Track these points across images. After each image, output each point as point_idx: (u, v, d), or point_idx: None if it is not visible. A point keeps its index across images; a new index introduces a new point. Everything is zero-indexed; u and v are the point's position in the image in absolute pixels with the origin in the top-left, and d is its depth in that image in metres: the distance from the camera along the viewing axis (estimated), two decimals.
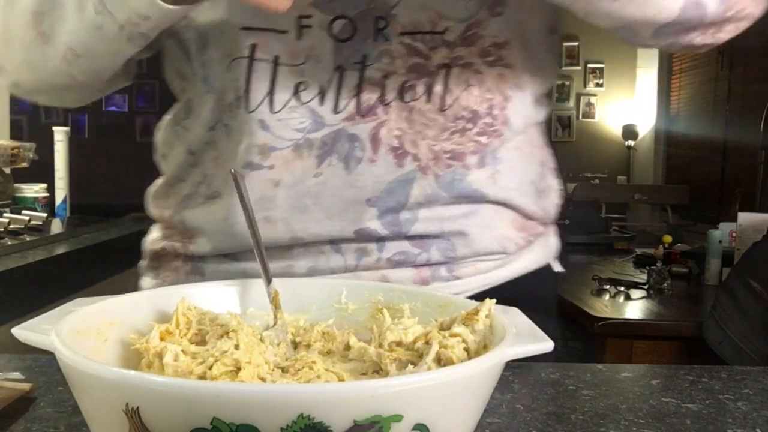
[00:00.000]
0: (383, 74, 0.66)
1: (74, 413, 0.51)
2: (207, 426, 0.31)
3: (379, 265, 0.70)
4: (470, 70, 0.68)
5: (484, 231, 0.72)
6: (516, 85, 0.71)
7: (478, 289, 0.73)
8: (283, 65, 0.66)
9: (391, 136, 0.67)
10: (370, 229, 0.68)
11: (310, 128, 0.67)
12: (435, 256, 0.71)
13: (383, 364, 0.44)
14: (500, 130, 0.71)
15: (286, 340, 0.49)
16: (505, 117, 0.71)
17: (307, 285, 0.56)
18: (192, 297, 0.50)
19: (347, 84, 0.66)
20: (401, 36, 0.66)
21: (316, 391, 0.32)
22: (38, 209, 1.92)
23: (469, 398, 0.37)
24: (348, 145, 0.67)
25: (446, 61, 0.67)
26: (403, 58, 0.66)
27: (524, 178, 0.75)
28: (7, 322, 1.15)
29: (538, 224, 0.78)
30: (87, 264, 1.60)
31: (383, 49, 0.66)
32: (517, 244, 0.75)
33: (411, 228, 0.69)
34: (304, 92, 0.66)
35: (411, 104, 0.67)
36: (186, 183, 0.75)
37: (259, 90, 0.67)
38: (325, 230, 0.68)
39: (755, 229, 2.28)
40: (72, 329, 0.40)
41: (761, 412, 0.54)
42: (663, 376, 0.63)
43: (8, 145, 1.99)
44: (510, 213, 0.74)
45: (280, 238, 0.69)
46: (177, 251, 0.76)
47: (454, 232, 0.71)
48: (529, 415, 0.53)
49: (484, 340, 0.44)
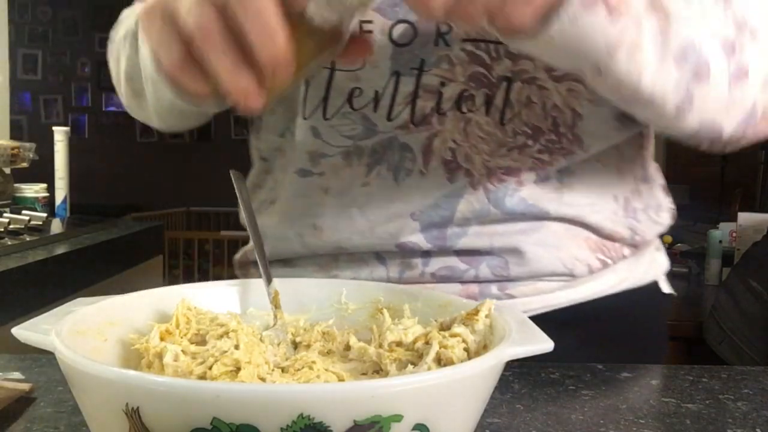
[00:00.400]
0: (441, 81, 0.63)
1: (74, 413, 0.51)
2: (207, 426, 0.31)
3: (422, 279, 0.67)
4: (534, 86, 0.64)
5: (545, 250, 0.67)
6: (590, 101, 0.65)
7: (538, 310, 0.68)
8: (340, 70, 0.65)
9: (445, 148, 0.64)
10: (412, 243, 0.66)
11: (360, 135, 0.65)
12: (484, 272, 0.67)
13: (383, 364, 0.44)
14: (568, 148, 0.66)
15: (286, 340, 0.49)
16: (575, 135, 0.66)
17: (307, 285, 0.56)
18: (192, 297, 0.50)
19: (402, 90, 0.64)
20: (463, 42, 0.63)
21: (316, 391, 0.32)
22: (38, 209, 1.92)
23: (469, 398, 0.37)
24: (398, 155, 0.65)
25: (508, 73, 0.63)
26: (463, 66, 0.63)
27: (604, 195, 0.69)
28: (7, 322, 1.15)
29: (623, 246, 0.71)
30: (87, 264, 1.60)
31: (443, 55, 0.63)
32: (589, 266, 0.69)
33: (458, 242, 0.66)
34: (358, 98, 0.65)
35: (468, 115, 0.64)
36: (263, 189, 0.76)
37: (314, 96, 0.66)
38: (368, 241, 0.67)
39: (755, 229, 2.28)
40: (72, 329, 0.41)
41: (761, 412, 0.54)
42: (663, 376, 0.63)
43: (8, 145, 1.98)
44: (582, 232, 0.68)
45: (325, 246, 0.69)
46: (248, 258, 0.78)
47: (507, 249, 0.66)
48: (529, 415, 0.53)
49: (484, 340, 0.44)
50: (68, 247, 1.56)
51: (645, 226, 0.72)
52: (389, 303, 0.52)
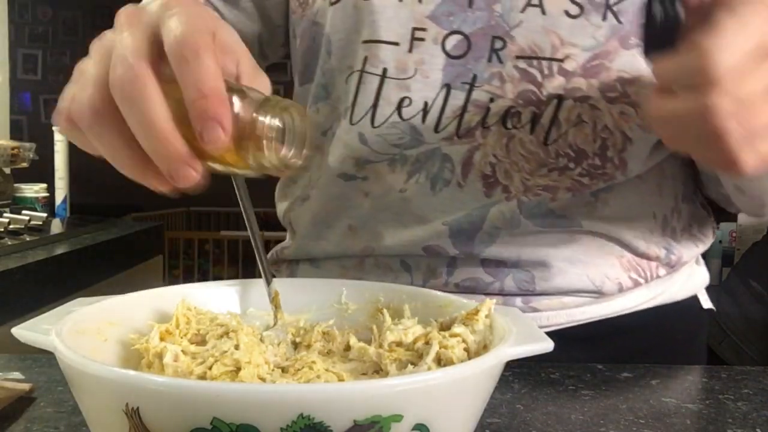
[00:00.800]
0: (490, 97, 0.62)
1: (74, 413, 0.51)
2: (207, 426, 0.31)
3: (446, 289, 0.64)
4: (585, 105, 0.62)
5: (573, 265, 0.66)
6: (641, 126, 0.63)
7: (563, 325, 0.67)
8: (391, 78, 0.64)
9: (485, 162, 0.63)
10: (440, 247, 0.66)
11: (407, 145, 0.65)
12: (509, 285, 0.66)
13: (383, 364, 0.44)
14: (611, 173, 0.64)
15: (286, 340, 0.49)
16: (621, 160, 0.64)
17: (307, 285, 0.56)
18: (192, 297, 0.50)
19: (452, 104, 0.63)
20: (517, 59, 0.62)
21: (316, 391, 0.32)
22: (38, 209, 1.92)
23: (469, 398, 0.37)
24: (438, 165, 0.64)
25: (560, 91, 0.62)
26: (513, 83, 0.62)
27: (641, 212, 0.67)
28: (7, 322, 1.15)
29: (659, 266, 0.69)
30: (87, 264, 1.60)
31: (495, 72, 0.62)
32: (620, 285, 0.67)
33: (485, 251, 0.65)
34: (407, 108, 0.64)
35: (512, 131, 0.63)
36: (297, 185, 0.75)
37: (364, 103, 0.65)
38: (396, 243, 0.67)
39: (755, 229, 2.28)
40: (72, 329, 0.40)
41: (761, 412, 0.54)
42: (663, 376, 0.63)
43: (8, 145, 1.98)
44: (616, 249, 0.67)
45: (354, 246, 0.69)
46: (279, 257, 0.78)
47: (533, 262, 0.65)
48: (529, 415, 0.53)
49: (484, 340, 0.44)
50: (68, 247, 1.56)
51: (683, 246, 0.71)
52: (389, 303, 0.52)
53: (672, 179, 0.70)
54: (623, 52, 0.62)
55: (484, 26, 0.62)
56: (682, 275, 0.73)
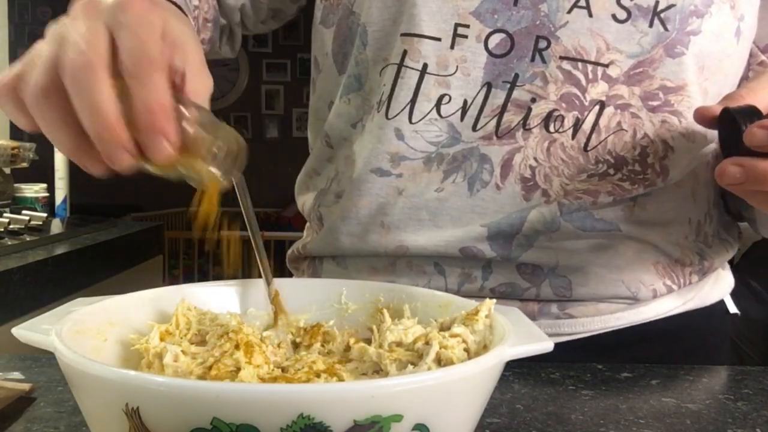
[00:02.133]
0: (532, 97, 0.62)
1: (74, 413, 0.51)
2: (207, 426, 0.31)
3: (481, 294, 0.65)
4: (626, 112, 0.62)
5: (610, 272, 0.65)
6: (684, 136, 0.63)
7: (597, 331, 0.67)
8: (431, 74, 0.63)
9: (525, 165, 0.63)
10: (477, 249, 0.65)
11: (445, 143, 0.64)
12: (546, 292, 0.65)
13: (383, 364, 0.44)
14: (652, 179, 0.64)
15: (286, 340, 0.49)
16: (663, 167, 0.64)
17: (307, 285, 0.56)
18: (192, 297, 0.50)
19: (492, 102, 0.62)
20: (560, 60, 0.61)
21: (316, 391, 0.32)
22: (38, 209, 1.92)
23: (469, 398, 0.37)
24: (477, 165, 0.63)
25: (602, 97, 0.61)
26: (556, 84, 0.61)
27: (677, 216, 0.67)
28: (7, 322, 1.15)
29: (693, 272, 0.69)
30: (87, 264, 1.60)
31: (538, 71, 0.61)
32: (654, 291, 0.67)
33: (522, 254, 0.64)
34: (446, 105, 0.63)
35: (554, 135, 0.62)
36: (321, 177, 0.74)
37: (401, 98, 0.64)
38: (431, 243, 0.65)
39: None
40: (72, 329, 0.41)
41: (761, 412, 0.54)
42: (663, 376, 0.63)
43: (8, 145, 1.98)
44: (653, 255, 0.67)
45: (387, 245, 0.67)
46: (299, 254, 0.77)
47: (571, 268, 0.65)
48: (529, 415, 0.53)
49: (484, 340, 0.44)
50: (68, 247, 1.56)
51: (714, 251, 0.71)
52: (389, 303, 0.52)
53: (705, 185, 0.70)
54: (668, 61, 0.61)
55: (529, 25, 0.61)
56: (710, 279, 0.73)
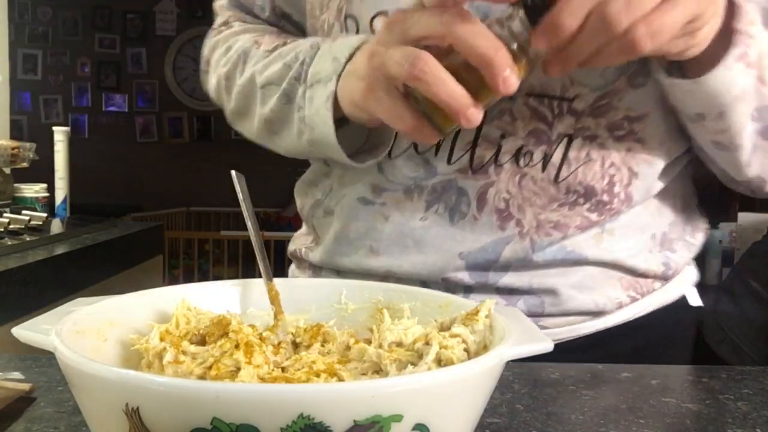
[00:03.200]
0: (501, 133, 0.65)
1: (74, 413, 0.51)
2: (207, 426, 0.31)
3: None
4: (594, 143, 0.65)
5: (580, 291, 0.69)
6: (646, 161, 0.67)
7: (566, 338, 0.71)
8: None
9: (499, 198, 0.66)
10: (457, 278, 0.69)
11: (422, 176, 0.68)
12: (520, 308, 0.67)
13: (383, 364, 0.44)
14: (617, 208, 0.67)
15: (286, 340, 0.49)
16: (628, 194, 0.67)
17: (307, 285, 0.56)
18: (192, 297, 0.50)
19: (463, 138, 0.65)
20: (527, 97, 0.63)
21: (316, 391, 0.32)
22: (38, 209, 1.92)
23: (469, 398, 0.37)
24: (455, 197, 0.67)
25: (569, 131, 0.64)
26: (524, 121, 0.64)
27: (643, 236, 0.70)
28: (7, 322, 1.15)
29: (655, 281, 0.73)
30: (87, 264, 1.60)
31: (505, 108, 0.64)
32: (619, 303, 0.71)
33: (499, 281, 0.69)
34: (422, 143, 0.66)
35: (525, 170, 0.65)
36: (317, 189, 0.77)
37: None
38: (416, 271, 0.69)
39: (755, 229, 2.28)
40: (72, 329, 0.40)
41: (761, 412, 0.54)
42: (663, 376, 0.63)
43: (8, 145, 1.98)
44: (617, 273, 0.70)
45: (376, 269, 0.71)
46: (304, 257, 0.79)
47: (543, 289, 0.69)
48: (529, 415, 0.53)
49: (484, 341, 0.44)
50: (68, 247, 1.56)
51: (679, 256, 0.74)
52: (389, 303, 0.52)
53: (672, 198, 0.73)
54: (630, 91, 0.64)
55: None
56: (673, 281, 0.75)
